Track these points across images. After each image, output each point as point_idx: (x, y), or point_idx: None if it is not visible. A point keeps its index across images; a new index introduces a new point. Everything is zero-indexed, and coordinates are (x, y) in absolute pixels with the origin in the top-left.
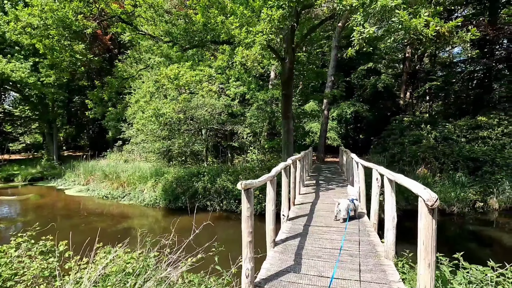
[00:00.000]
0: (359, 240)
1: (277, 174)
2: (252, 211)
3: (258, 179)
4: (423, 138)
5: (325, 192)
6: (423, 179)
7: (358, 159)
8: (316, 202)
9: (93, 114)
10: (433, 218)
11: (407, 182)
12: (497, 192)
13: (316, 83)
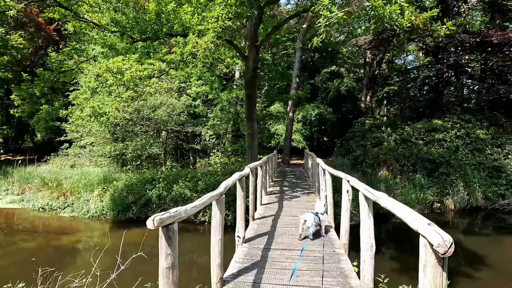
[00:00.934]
0: (326, 269)
1: (232, 186)
2: (176, 261)
3: (192, 204)
4: (384, 141)
5: (290, 201)
6: (385, 181)
7: (324, 165)
8: (279, 214)
9: (20, 113)
10: (443, 270)
11: (400, 210)
12: (452, 193)
13: (281, 84)
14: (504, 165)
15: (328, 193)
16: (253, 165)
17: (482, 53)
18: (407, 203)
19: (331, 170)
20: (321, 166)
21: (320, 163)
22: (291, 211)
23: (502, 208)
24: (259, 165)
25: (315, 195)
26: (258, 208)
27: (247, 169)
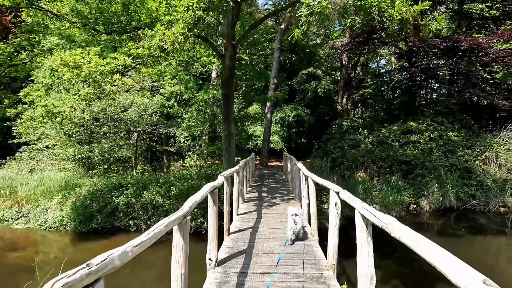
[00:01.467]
0: None
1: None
2: None
3: (140, 239)
4: (361, 143)
5: (269, 210)
6: (363, 183)
7: (307, 171)
8: (258, 227)
9: None
10: None
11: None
12: (427, 194)
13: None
14: (474, 167)
15: (312, 202)
16: (228, 172)
17: (452, 58)
18: (385, 206)
19: (315, 178)
20: (303, 173)
21: (302, 169)
22: (270, 222)
23: (472, 208)
24: (235, 172)
25: (296, 201)
26: (234, 220)
27: (220, 178)
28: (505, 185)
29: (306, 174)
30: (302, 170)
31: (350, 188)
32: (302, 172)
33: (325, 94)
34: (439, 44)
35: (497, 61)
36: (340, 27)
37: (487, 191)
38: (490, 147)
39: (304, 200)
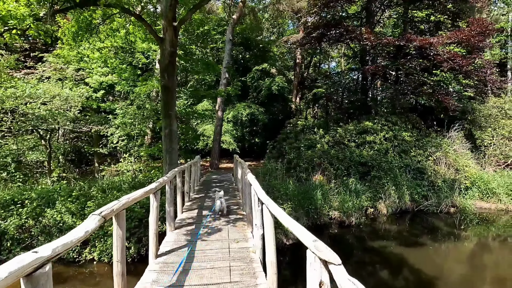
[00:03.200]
0: None
1: None
2: None
3: None
4: (317, 143)
5: (208, 242)
6: (321, 187)
7: (261, 192)
8: (182, 285)
9: None
10: None
11: None
12: (384, 197)
13: (210, 80)
14: (426, 167)
15: (268, 239)
16: (153, 186)
17: (403, 58)
18: (344, 211)
19: (275, 210)
20: (256, 192)
21: (255, 187)
22: (205, 272)
23: (425, 210)
24: (164, 183)
25: (246, 225)
26: (152, 265)
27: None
28: (453, 185)
29: (260, 195)
30: (255, 189)
31: (308, 194)
32: (254, 190)
33: (279, 92)
34: (392, 42)
35: (447, 61)
36: (293, 26)
37: (438, 192)
38: (440, 147)
39: (257, 230)
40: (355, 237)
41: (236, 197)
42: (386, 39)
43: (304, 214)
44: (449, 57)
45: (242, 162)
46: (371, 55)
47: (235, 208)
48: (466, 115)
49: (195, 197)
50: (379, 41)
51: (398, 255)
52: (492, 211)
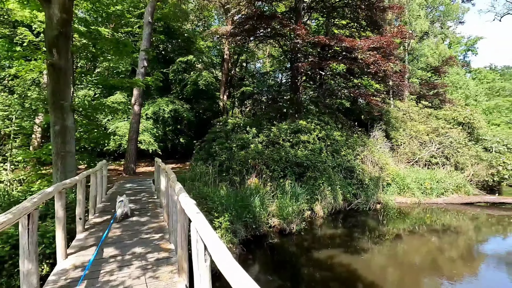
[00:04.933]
0: None
1: None
2: None
3: None
4: (250, 142)
5: None
6: (256, 191)
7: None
8: None
9: None
10: None
11: None
12: (321, 198)
13: (124, 69)
14: (355, 166)
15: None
16: None
17: (328, 60)
18: (284, 218)
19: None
20: (199, 234)
21: (197, 225)
22: None
23: (356, 208)
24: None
25: (177, 272)
26: None
27: None
28: (378, 182)
29: (195, 220)
30: (183, 203)
31: (243, 200)
32: (186, 213)
33: (207, 88)
34: (323, 41)
35: (374, 64)
36: (219, 22)
37: (366, 190)
38: (366, 146)
39: (198, 275)
40: (297, 246)
41: (157, 217)
42: (318, 37)
43: (242, 225)
44: (374, 60)
45: (166, 170)
46: (302, 53)
47: (157, 238)
48: (383, 116)
49: (96, 222)
50: (311, 39)
51: (343, 265)
52: (408, 204)
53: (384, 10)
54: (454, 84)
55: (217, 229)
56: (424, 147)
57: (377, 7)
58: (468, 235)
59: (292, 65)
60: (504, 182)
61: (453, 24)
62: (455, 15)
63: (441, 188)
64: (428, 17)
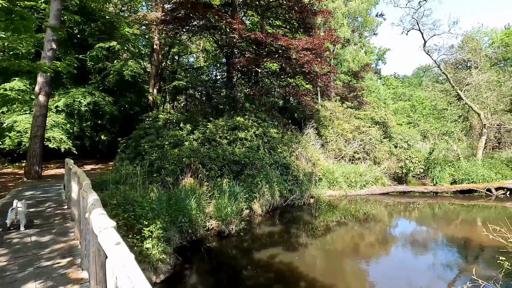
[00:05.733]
0: None
1: None
2: None
3: None
4: (184, 140)
5: None
6: (192, 192)
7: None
8: None
9: None
10: None
11: None
12: (259, 195)
13: (25, 51)
14: (290, 162)
15: None
16: None
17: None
18: (223, 219)
19: None
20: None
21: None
22: None
23: (292, 203)
24: None
25: None
26: None
27: None
28: (311, 177)
29: None
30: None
31: (179, 204)
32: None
33: (134, 79)
34: (260, 37)
35: (308, 63)
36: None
37: (301, 185)
38: (300, 143)
39: None
40: (237, 248)
41: (67, 234)
42: (255, 33)
43: (177, 231)
44: (308, 60)
45: (79, 174)
46: (239, 49)
47: (64, 265)
48: (314, 115)
49: None
50: (248, 34)
51: (283, 263)
52: (337, 197)
53: (315, 14)
54: (369, 88)
55: (147, 239)
56: (348, 143)
57: (309, 10)
58: (383, 221)
59: (228, 61)
60: (410, 173)
61: (368, 35)
62: (370, 27)
63: (363, 180)
64: (349, 26)
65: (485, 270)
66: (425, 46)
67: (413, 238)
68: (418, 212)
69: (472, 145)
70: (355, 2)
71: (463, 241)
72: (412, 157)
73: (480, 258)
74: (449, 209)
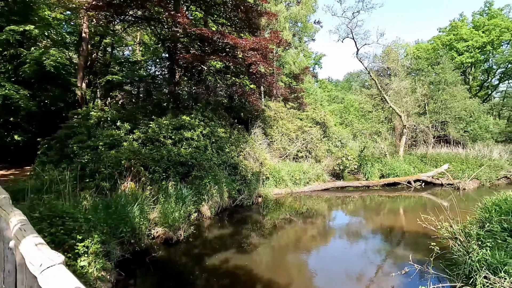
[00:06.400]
0: None
1: None
2: None
3: None
4: (122, 140)
5: None
6: (135, 199)
7: None
8: None
9: None
10: None
11: None
12: (207, 197)
13: None
14: (238, 162)
15: None
16: None
17: (210, 55)
18: (170, 225)
19: None
20: None
21: None
22: None
23: (240, 204)
24: None
25: None
26: None
27: None
28: (259, 177)
29: None
30: None
31: (120, 212)
32: None
33: (57, 70)
34: (207, 33)
35: (255, 63)
36: None
37: (249, 185)
38: (248, 143)
39: None
40: (187, 255)
41: None
42: (202, 29)
43: (117, 243)
44: (255, 60)
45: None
46: (183, 44)
47: None
48: (259, 114)
49: None
50: (194, 30)
51: (237, 266)
52: (283, 195)
53: (260, 15)
54: (307, 90)
55: (82, 256)
56: (292, 143)
57: (255, 10)
58: (324, 215)
59: (171, 56)
60: (346, 169)
61: (308, 40)
62: (309, 33)
63: (307, 178)
64: (290, 30)
65: (415, 254)
66: (357, 53)
67: (349, 229)
68: (353, 205)
69: (395, 144)
70: (295, 7)
71: (390, 229)
72: (348, 155)
73: (408, 243)
74: (378, 200)
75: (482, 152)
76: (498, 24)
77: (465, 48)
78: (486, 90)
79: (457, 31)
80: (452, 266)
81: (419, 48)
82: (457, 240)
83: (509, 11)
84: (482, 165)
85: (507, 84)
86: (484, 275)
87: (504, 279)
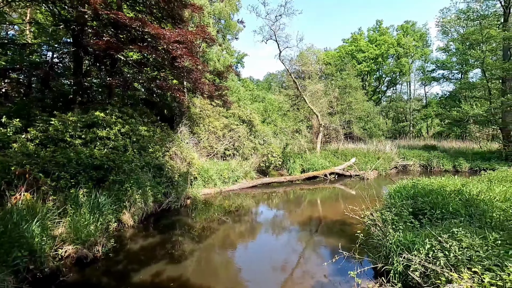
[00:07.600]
0: None
1: None
2: None
3: None
4: (11, 140)
5: None
6: (31, 213)
7: None
8: None
9: None
10: None
11: None
12: (129, 204)
13: None
14: (164, 163)
15: None
16: None
17: (129, 44)
18: (83, 241)
19: None
20: None
21: None
22: None
23: (168, 207)
24: None
25: None
26: None
27: None
28: (187, 177)
29: None
30: None
31: (11, 233)
32: None
33: None
34: (124, 19)
35: (180, 57)
36: None
37: (176, 187)
38: (174, 142)
39: None
40: (108, 275)
41: None
42: (118, 13)
43: (11, 272)
44: (181, 53)
45: None
46: (93, 29)
47: None
48: (185, 112)
49: None
50: (107, 12)
51: (174, 278)
52: (212, 194)
53: (185, 6)
54: (231, 88)
55: None
56: (219, 141)
57: (179, 1)
58: (251, 212)
59: (76, 42)
60: (271, 166)
61: (231, 38)
62: (233, 31)
63: (235, 176)
64: (215, 26)
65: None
66: (280, 55)
67: (275, 222)
68: (278, 199)
69: (312, 141)
70: (219, 4)
71: (311, 219)
72: (273, 152)
73: (332, 232)
74: (300, 193)
75: (378, 147)
76: (386, 40)
77: (363, 58)
78: (378, 94)
79: (357, 43)
80: (374, 250)
81: (328, 55)
82: (377, 226)
83: (393, 30)
84: (379, 158)
85: (392, 90)
86: (398, 254)
87: (415, 255)
